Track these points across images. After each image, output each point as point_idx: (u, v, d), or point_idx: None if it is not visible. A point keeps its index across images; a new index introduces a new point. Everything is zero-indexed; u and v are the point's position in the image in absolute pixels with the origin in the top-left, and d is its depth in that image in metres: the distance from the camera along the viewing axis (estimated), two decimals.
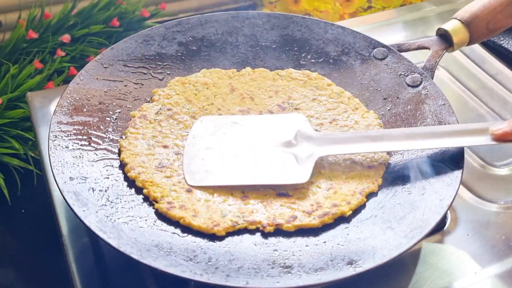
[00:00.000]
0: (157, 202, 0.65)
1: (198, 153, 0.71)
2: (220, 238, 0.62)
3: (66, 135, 0.69)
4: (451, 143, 0.68)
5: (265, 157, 0.71)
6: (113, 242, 0.58)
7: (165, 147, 0.72)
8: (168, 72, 0.82)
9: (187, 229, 0.63)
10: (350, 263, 0.59)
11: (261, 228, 0.64)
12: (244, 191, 0.67)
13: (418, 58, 0.87)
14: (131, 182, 0.68)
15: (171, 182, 0.68)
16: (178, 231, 0.63)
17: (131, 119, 0.75)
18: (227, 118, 0.76)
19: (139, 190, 0.67)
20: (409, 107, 0.77)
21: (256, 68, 0.83)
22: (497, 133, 0.67)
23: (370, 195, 0.68)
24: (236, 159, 0.71)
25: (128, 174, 0.68)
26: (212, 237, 0.62)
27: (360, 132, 0.74)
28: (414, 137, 0.69)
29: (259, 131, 0.74)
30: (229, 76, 0.82)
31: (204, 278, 0.56)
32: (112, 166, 0.69)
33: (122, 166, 0.69)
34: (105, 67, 0.78)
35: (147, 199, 0.66)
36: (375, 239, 0.61)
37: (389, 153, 0.72)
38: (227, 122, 0.75)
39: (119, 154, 0.71)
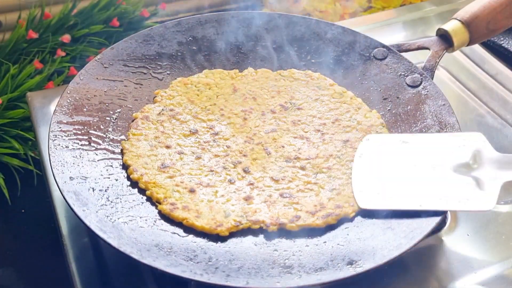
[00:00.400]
0: (160, 203, 0.65)
1: (368, 174, 0.68)
2: (222, 238, 0.62)
3: (66, 135, 0.69)
4: None
5: (442, 180, 0.65)
6: (113, 242, 0.58)
7: (167, 147, 0.72)
8: (168, 72, 0.82)
9: (189, 229, 0.63)
10: (350, 263, 0.59)
11: (264, 228, 0.64)
12: (246, 192, 0.67)
13: (418, 58, 0.87)
14: (131, 182, 0.68)
15: (174, 182, 0.68)
16: (178, 231, 0.63)
17: (131, 119, 0.75)
18: (395, 137, 0.72)
19: (139, 190, 0.67)
20: (409, 107, 0.77)
21: (257, 68, 0.83)
22: None
23: None
24: (409, 181, 0.66)
25: (131, 176, 0.68)
26: (213, 237, 0.62)
27: None
28: None
29: (431, 152, 0.69)
30: (231, 76, 0.82)
31: (204, 278, 0.56)
32: (112, 166, 0.69)
33: (123, 166, 0.69)
34: (105, 67, 0.78)
35: (149, 199, 0.66)
36: (375, 239, 0.61)
37: None
38: (396, 141, 0.71)
39: (119, 154, 0.71)
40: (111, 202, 0.64)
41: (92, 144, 0.70)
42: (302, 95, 0.80)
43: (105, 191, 0.65)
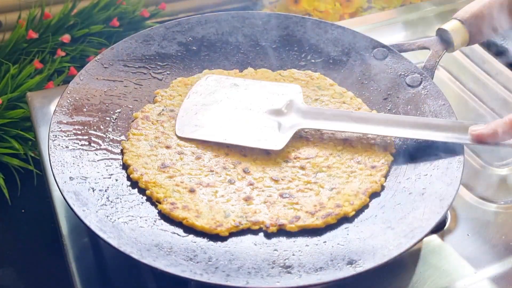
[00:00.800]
0: (160, 203, 0.65)
1: (193, 108, 0.76)
2: (222, 238, 0.62)
3: (66, 135, 0.69)
4: (430, 136, 0.70)
5: (252, 121, 0.75)
6: (113, 242, 0.58)
7: (167, 147, 0.72)
8: (168, 72, 0.82)
9: (189, 229, 0.63)
10: (350, 262, 0.59)
11: (264, 229, 0.64)
12: (246, 192, 0.67)
13: (418, 58, 0.87)
14: (131, 182, 0.68)
15: (174, 182, 0.68)
16: (178, 231, 0.63)
17: (132, 119, 0.75)
18: (229, 80, 0.80)
19: (139, 190, 0.67)
20: (409, 107, 0.77)
21: (257, 69, 0.83)
22: (474, 134, 0.68)
23: (372, 195, 0.68)
24: (225, 119, 0.75)
25: (131, 176, 0.68)
26: (213, 237, 0.62)
27: (348, 111, 0.76)
28: (398, 124, 0.71)
29: (254, 96, 0.78)
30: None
31: (204, 278, 0.56)
32: (112, 166, 0.69)
33: (123, 166, 0.69)
34: (105, 67, 0.78)
35: (149, 199, 0.66)
36: (375, 239, 0.61)
37: (392, 153, 0.72)
38: (229, 83, 0.79)
39: (120, 154, 0.71)
40: (111, 202, 0.64)
41: (92, 144, 0.70)
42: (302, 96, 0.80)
43: (105, 191, 0.65)
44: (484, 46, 0.98)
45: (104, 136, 0.72)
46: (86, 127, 0.71)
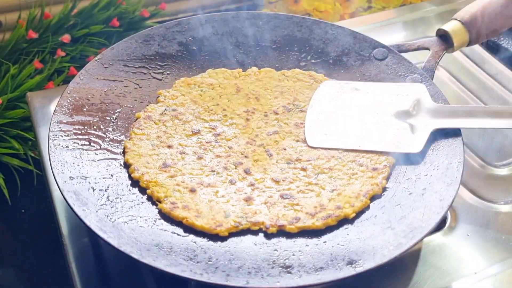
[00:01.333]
0: (160, 202, 0.65)
1: (319, 117, 0.75)
2: (222, 238, 0.62)
3: (66, 134, 0.69)
4: None
5: (382, 125, 0.73)
6: (113, 242, 0.58)
7: (169, 147, 0.72)
8: (168, 72, 0.82)
9: (189, 229, 0.63)
10: (350, 263, 0.59)
11: (264, 229, 0.64)
12: (247, 193, 0.67)
13: (418, 59, 0.87)
14: (131, 182, 0.68)
15: (175, 182, 0.68)
16: (178, 230, 0.63)
17: (132, 119, 0.75)
18: (349, 85, 0.79)
19: (139, 190, 0.67)
20: None
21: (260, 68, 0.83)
22: None
23: (373, 196, 0.67)
24: (354, 125, 0.74)
25: (132, 175, 0.68)
26: (213, 236, 0.62)
27: (482, 106, 0.74)
28: None
29: (378, 99, 0.76)
30: (234, 76, 0.82)
31: (204, 278, 0.56)
32: (112, 165, 0.69)
33: (123, 165, 0.69)
34: (105, 67, 0.78)
35: (149, 199, 0.66)
36: (375, 239, 0.61)
37: (394, 155, 0.72)
38: (349, 88, 0.78)
39: (120, 153, 0.71)
40: (111, 201, 0.64)
41: (92, 144, 0.70)
42: (305, 97, 0.79)
43: (105, 190, 0.65)
44: (484, 46, 0.98)
45: (104, 136, 0.72)
46: (86, 127, 0.71)
